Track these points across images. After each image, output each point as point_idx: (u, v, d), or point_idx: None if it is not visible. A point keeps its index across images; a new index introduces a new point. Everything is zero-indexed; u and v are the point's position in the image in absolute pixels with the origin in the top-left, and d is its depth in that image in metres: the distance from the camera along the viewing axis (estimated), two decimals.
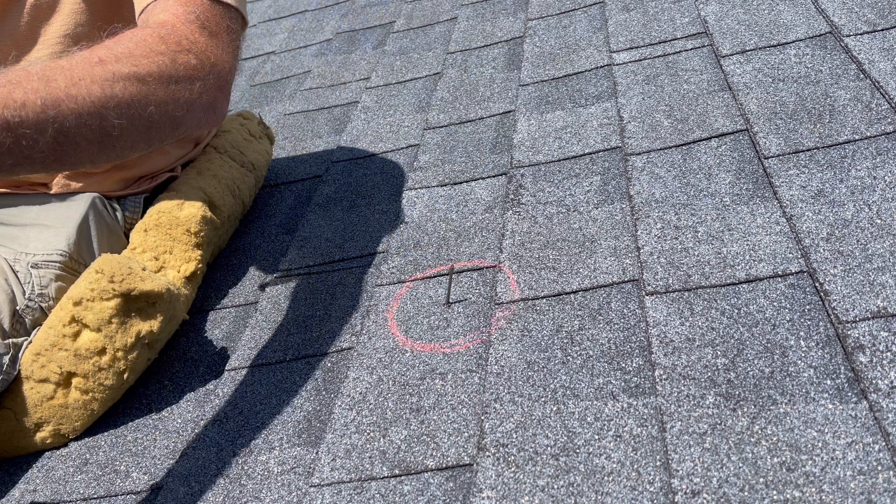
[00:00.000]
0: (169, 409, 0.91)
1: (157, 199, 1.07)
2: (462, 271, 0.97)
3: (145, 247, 0.99)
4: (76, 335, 0.86)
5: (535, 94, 1.33)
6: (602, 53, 1.38)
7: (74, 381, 0.86)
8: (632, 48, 1.36)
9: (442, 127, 1.34)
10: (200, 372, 0.96)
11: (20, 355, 0.87)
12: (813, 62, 1.14)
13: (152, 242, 0.99)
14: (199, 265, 1.02)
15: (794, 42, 1.20)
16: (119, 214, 1.04)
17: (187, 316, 0.98)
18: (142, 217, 1.05)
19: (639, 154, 1.08)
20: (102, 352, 0.86)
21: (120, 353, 0.86)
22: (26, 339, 0.89)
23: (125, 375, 0.88)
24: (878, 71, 1.06)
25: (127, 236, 1.06)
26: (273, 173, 1.37)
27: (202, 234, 1.04)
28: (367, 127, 1.44)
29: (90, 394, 0.87)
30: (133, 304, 0.86)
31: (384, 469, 0.74)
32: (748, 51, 1.22)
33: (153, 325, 0.87)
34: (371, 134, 1.41)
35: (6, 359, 0.86)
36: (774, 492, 0.60)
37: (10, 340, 0.87)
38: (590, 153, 1.12)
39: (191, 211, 1.04)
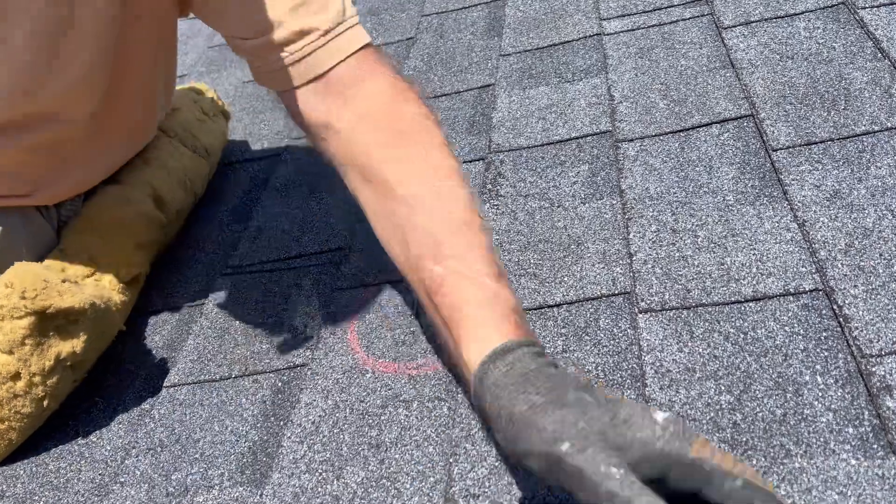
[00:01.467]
0: (98, 432, 0.81)
1: (97, 191, 0.94)
2: None
3: (78, 248, 0.86)
4: None
5: (517, 66, 1.21)
6: (591, 21, 1.25)
7: None
8: (624, 16, 1.23)
9: None
10: (136, 387, 0.85)
11: None
12: (825, 37, 1.02)
13: (86, 243, 0.87)
14: (141, 269, 0.90)
15: (803, 13, 1.09)
16: (53, 218, 0.91)
17: (124, 327, 0.87)
18: (80, 211, 0.92)
19: (631, 140, 0.97)
20: (17, 377, 0.75)
21: (37, 378, 0.75)
22: None
23: (45, 402, 0.77)
24: None
25: (59, 232, 0.93)
26: (227, 150, 1.24)
27: (146, 234, 0.92)
28: None
29: (6, 423, 0.76)
30: (50, 322, 0.74)
31: None
32: (753, 22, 1.11)
33: (75, 345, 0.76)
34: None
35: None
36: None
37: None
38: (577, 137, 1.01)
39: (134, 209, 0.92)
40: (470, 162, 1.03)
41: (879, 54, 0.96)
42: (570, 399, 0.51)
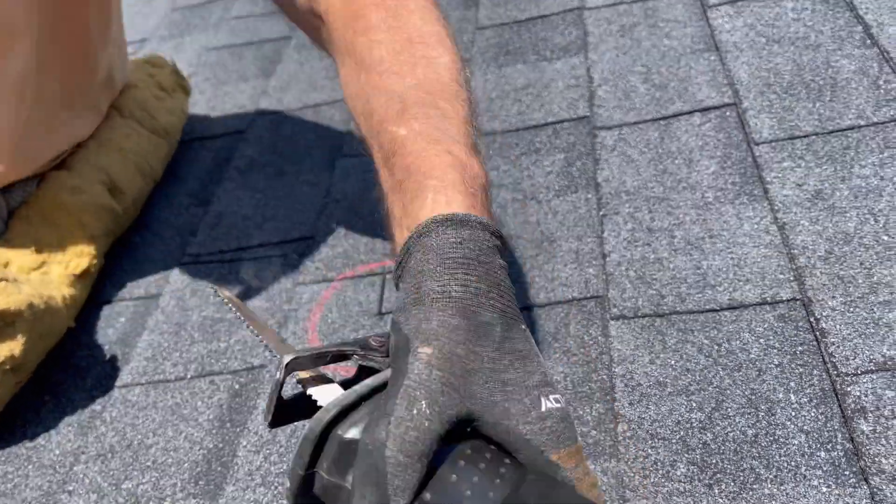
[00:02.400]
0: (46, 435, 0.77)
1: (47, 176, 0.88)
2: None
3: (25, 239, 0.81)
4: None
5: (493, 41, 1.16)
6: None
7: None
8: None
9: None
10: (87, 386, 0.82)
11: None
12: (813, 20, 0.98)
13: (35, 234, 0.82)
14: (93, 261, 0.85)
15: None
16: (2, 207, 0.85)
17: (73, 324, 0.83)
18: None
19: (609, 128, 0.93)
20: None
21: None
22: None
23: None
24: (888, 37, 0.91)
25: (7, 221, 0.87)
26: (187, 126, 1.18)
27: (97, 225, 0.87)
28: (301, 70, 1.25)
29: None
30: None
31: None
32: (739, 0, 1.06)
33: (13, 348, 0.72)
34: (304, 80, 1.22)
35: None
36: None
37: None
38: (553, 123, 0.97)
39: (86, 198, 0.86)
40: None
41: (868, 41, 0.92)
42: (481, 333, 0.41)
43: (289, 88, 1.21)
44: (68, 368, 0.84)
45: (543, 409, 0.41)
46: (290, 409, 0.49)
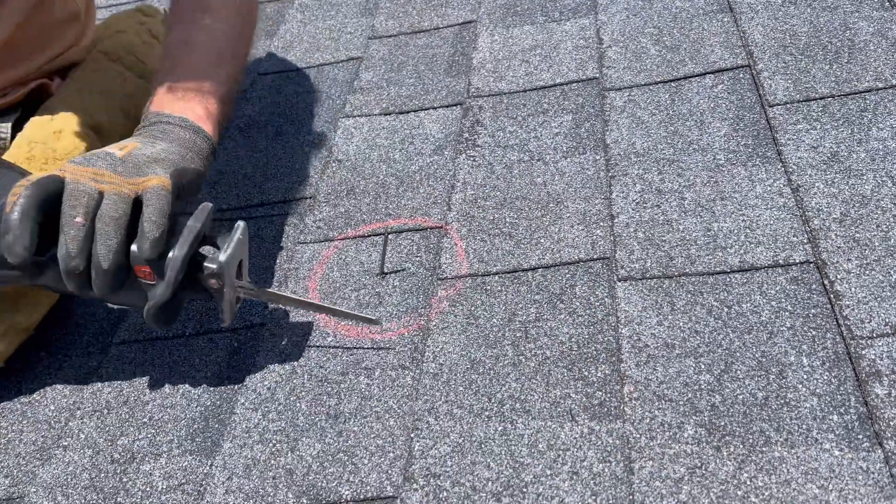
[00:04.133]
0: (41, 391, 0.76)
1: (29, 122, 0.86)
2: (402, 231, 0.81)
3: (9, 189, 0.79)
4: None
5: (501, 2, 1.13)
6: None
7: None
8: None
9: (390, 37, 1.14)
10: (83, 343, 0.80)
11: None
12: None
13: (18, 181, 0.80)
14: None
15: None
16: None
17: None
18: (9, 146, 0.85)
19: (619, 90, 0.90)
20: None
21: None
22: None
23: None
24: None
25: None
26: None
27: None
28: (304, 31, 1.22)
29: None
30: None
31: (289, 495, 0.60)
32: None
33: (34, 315, 0.71)
34: (307, 40, 1.19)
35: None
36: None
37: None
38: (561, 84, 0.94)
39: (72, 140, 0.84)
40: (447, 107, 0.97)
41: (888, 3, 0.89)
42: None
43: (291, 48, 1.18)
44: (66, 325, 0.82)
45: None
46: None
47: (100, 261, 0.60)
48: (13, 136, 0.86)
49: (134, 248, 0.61)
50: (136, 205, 0.62)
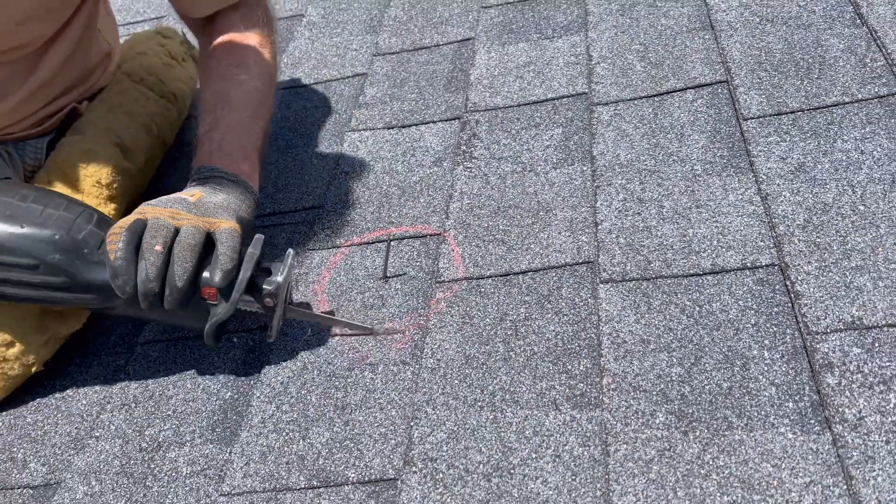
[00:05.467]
0: (74, 388, 0.83)
1: (60, 143, 0.93)
2: (403, 238, 0.88)
3: None
4: None
5: (497, 20, 1.19)
6: None
7: None
8: None
9: (393, 53, 1.20)
10: (111, 344, 0.87)
11: None
12: (806, 0, 1.01)
13: None
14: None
15: None
16: (17, 162, 0.91)
17: None
18: (44, 163, 0.92)
19: (606, 104, 0.97)
20: (11, 344, 0.77)
21: (31, 348, 0.78)
22: None
23: (33, 368, 0.80)
24: (877, 16, 0.94)
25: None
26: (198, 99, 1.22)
27: (115, 185, 0.92)
28: (311, 48, 1.29)
29: None
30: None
31: (301, 479, 0.67)
32: None
33: (76, 325, 0.79)
34: (315, 57, 1.26)
35: None
36: None
37: None
38: (553, 98, 1.01)
39: (100, 159, 0.91)
40: (446, 121, 1.03)
41: (858, 20, 0.95)
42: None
43: (300, 65, 1.25)
44: (94, 328, 0.89)
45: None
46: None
47: (175, 280, 0.68)
48: (47, 155, 0.93)
49: (206, 274, 0.70)
50: (207, 240, 0.71)
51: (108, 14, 1.03)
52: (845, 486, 0.55)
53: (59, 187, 0.89)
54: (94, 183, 0.90)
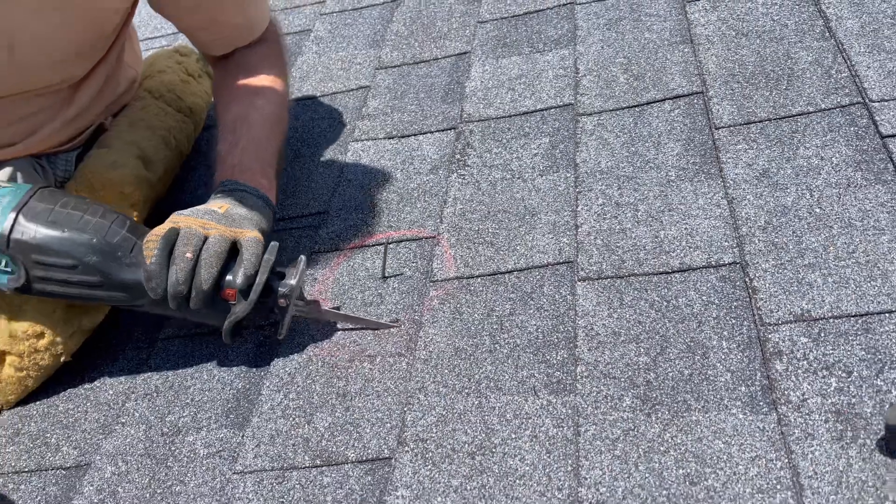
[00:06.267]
0: (101, 378, 0.91)
1: (87, 155, 1.02)
2: (401, 241, 0.95)
3: None
4: (12, 318, 0.85)
5: (492, 34, 1.27)
6: None
7: (8, 359, 0.86)
8: None
9: (395, 67, 1.28)
10: (134, 339, 0.95)
11: None
12: (780, 14, 1.08)
13: None
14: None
15: None
16: (50, 174, 1.00)
17: None
18: (74, 175, 1.01)
19: (590, 115, 1.04)
20: (41, 335, 0.85)
21: (59, 339, 0.86)
22: None
23: (62, 358, 0.88)
24: (845, 30, 1.01)
25: None
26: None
27: (137, 194, 1.00)
28: (318, 62, 1.37)
29: (24, 371, 0.86)
30: None
31: (306, 458, 0.75)
32: None
33: (98, 318, 0.87)
34: (321, 70, 1.34)
35: None
36: None
37: None
38: (541, 109, 1.08)
39: (123, 170, 0.99)
40: (442, 131, 1.11)
41: (827, 33, 1.02)
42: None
43: (308, 78, 1.33)
44: (118, 326, 0.97)
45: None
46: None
47: (201, 283, 0.77)
48: (76, 166, 1.02)
49: (229, 277, 0.78)
50: (232, 248, 0.80)
51: (134, 47, 1.12)
52: (786, 460, 0.62)
53: (87, 196, 0.97)
54: (118, 192, 0.98)
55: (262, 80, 1.01)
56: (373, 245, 0.96)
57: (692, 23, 1.12)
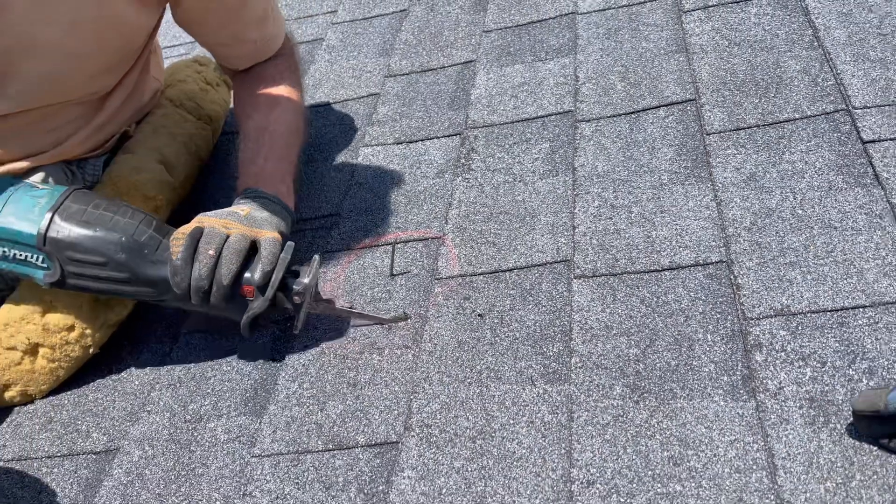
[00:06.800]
0: (127, 370, 0.97)
1: (114, 160, 1.08)
2: (408, 241, 1.01)
3: None
4: (45, 312, 0.91)
5: (497, 43, 1.32)
6: None
7: (42, 350, 0.92)
8: None
9: (403, 75, 1.34)
10: (158, 333, 1.01)
11: None
12: (771, 24, 1.13)
13: None
14: None
15: None
16: (79, 179, 1.06)
17: None
18: (101, 179, 1.07)
19: (589, 121, 1.09)
20: (71, 328, 0.91)
21: (88, 331, 0.92)
22: None
23: (91, 350, 0.94)
24: (832, 40, 1.05)
25: None
26: (234, 120, 1.37)
27: (160, 197, 1.06)
28: (330, 70, 1.43)
29: (56, 363, 0.92)
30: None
31: (319, 442, 0.80)
32: (710, 6, 1.21)
33: (122, 312, 0.93)
34: (333, 78, 1.40)
35: None
36: (659, 485, 0.67)
37: None
38: (542, 116, 1.13)
39: (147, 174, 1.06)
40: (448, 137, 1.16)
41: (815, 43, 1.07)
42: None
43: (320, 86, 1.39)
44: (143, 321, 1.03)
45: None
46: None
47: (221, 278, 0.82)
48: (103, 171, 1.08)
49: (248, 274, 0.84)
50: (251, 247, 0.85)
51: (158, 60, 1.19)
52: (763, 443, 0.67)
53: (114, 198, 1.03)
54: (141, 196, 1.04)
55: (280, 91, 1.07)
56: (382, 245, 1.02)
57: (687, 33, 1.17)
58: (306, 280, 0.86)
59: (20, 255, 0.84)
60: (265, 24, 1.07)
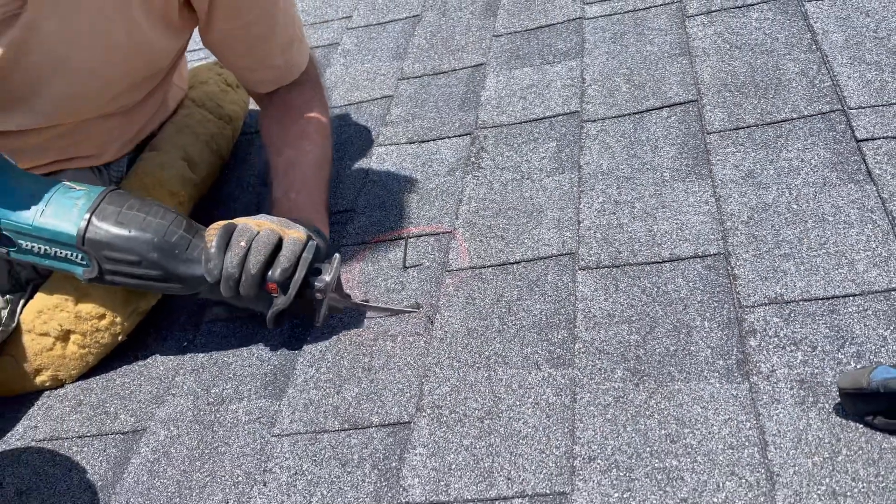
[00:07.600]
0: (153, 357, 1.02)
1: (139, 158, 1.13)
2: (420, 236, 1.05)
3: None
4: (78, 301, 0.96)
5: (507, 47, 1.37)
6: (576, 4, 1.40)
7: (73, 337, 0.97)
8: (604, 0, 1.38)
9: (416, 77, 1.38)
10: (181, 321, 1.06)
11: (18, 310, 0.97)
12: (772, 28, 1.17)
13: None
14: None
15: (757, 4, 1.23)
16: (106, 177, 1.11)
17: None
18: (126, 175, 1.12)
19: (594, 121, 1.13)
20: (102, 316, 0.96)
21: (118, 319, 0.97)
22: (22, 295, 0.99)
23: (119, 337, 0.99)
24: (830, 43, 1.09)
25: None
26: (253, 120, 1.42)
27: (183, 193, 1.11)
28: (346, 73, 1.48)
29: (87, 349, 0.97)
30: None
31: (335, 423, 0.85)
32: (714, 11, 1.25)
33: (151, 300, 0.98)
34: (349, 81, 1.45)
35: (4, 313, 0.96)
36: (656, 460, 0.71)
37: (8, 296, 0.97)
38: (550, 116, 1.18)
39: (172, 171, 1.11)
40: (459, 136, 1.21)
41: (814, 46, 1.10)
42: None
43: (336, 88, 1.44)
44: (167, 310, 1.08)
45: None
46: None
47: (250, 268, 0.86)
48: (128, 167, 1.13)
49: (270, 273, 0.88)
50: (279, 243, 0.89)
51: (182, 71, 1.24)
52: (755, 422, 0.71)
53: (139, 193, 1.08)
54: (167, 192, 1.10)
55: (309, 120, 1.10)
56: (395, 239, 1.06)
57: (690, 36, 1.21)
58: (328, 277, 0.90)
59: (61, 253, 0.89)
60: (290, 49, 1.10)
